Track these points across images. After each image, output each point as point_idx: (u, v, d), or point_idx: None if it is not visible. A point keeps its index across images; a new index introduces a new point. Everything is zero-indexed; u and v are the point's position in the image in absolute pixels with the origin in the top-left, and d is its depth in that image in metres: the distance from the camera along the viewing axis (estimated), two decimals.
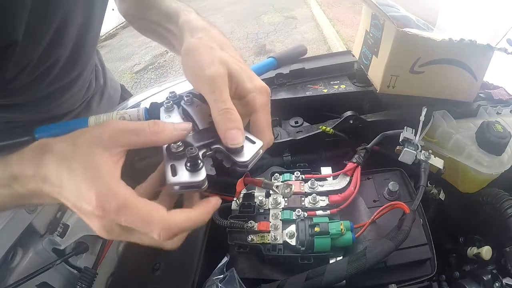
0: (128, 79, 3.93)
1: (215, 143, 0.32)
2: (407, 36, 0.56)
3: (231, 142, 0.30)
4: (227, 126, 0.31)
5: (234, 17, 5.37)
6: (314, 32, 4.24)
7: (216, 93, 0.31)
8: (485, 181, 0.57)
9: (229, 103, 0.31)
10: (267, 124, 0.34)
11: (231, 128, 0.30)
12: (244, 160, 0.31)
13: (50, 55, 0.51)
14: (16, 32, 0.41)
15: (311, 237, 0.45)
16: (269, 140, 0.34)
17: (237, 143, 0.30)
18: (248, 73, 0.35)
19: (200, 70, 0.32)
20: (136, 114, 0.44)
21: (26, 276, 0.44)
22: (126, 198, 0.27)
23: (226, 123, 0.31)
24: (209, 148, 0.32)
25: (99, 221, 0.27)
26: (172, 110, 0.37)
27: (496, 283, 0.44)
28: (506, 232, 0.47)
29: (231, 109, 0.31)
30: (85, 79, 0.67)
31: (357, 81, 0.76)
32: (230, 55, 0.36)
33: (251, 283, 0.46)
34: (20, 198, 0.31)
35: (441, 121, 0.61)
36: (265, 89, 0.35)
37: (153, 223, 0.27)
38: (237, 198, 0.53)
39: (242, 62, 0.36)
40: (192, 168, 0.29)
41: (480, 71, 0.62)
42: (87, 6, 0.53)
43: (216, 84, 0.31)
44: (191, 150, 0.29)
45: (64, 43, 0.52)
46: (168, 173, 0.29)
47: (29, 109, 0.60)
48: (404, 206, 0.45)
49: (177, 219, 0.28)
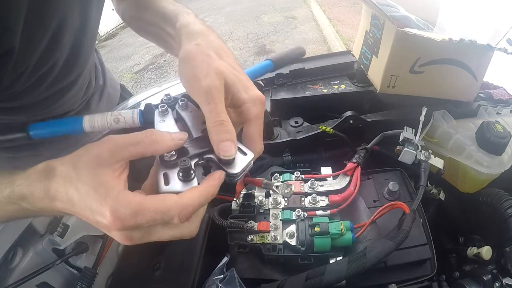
0: (128, 79, 3.93)
1: (208, 153, 0.33)
2: (407, 36, 0.56)
3: (224, 153, 0.31)
4: (221, 138, 0.31)
5: (234, 17, 5.37)
6: (314, 32, 4.24)
7: (211, 104, 0.31)
8: (485, 181, 0.57)
9: (224, 115, 0.31)
10: (259, 134, 0.34)
11: (224, 140, 0.31)
12: (235, 172, 0.32)
13: (47, 60, 0.51)
14: (13, 38, 0.41)
15: (311, 237, 0.45)
16: (259, 150, 0.35)
17: (229, 155, 0.31)
18: (244, 83, 0.35)
19: (196, 81, 0.32)
20: (131, 116, 0.44)
21: (26, 276, 0.44)
22: (137, 202, 0.28)
23: (220, 134, 0.31)
24: (201, 158, 0.33)
25: (118, 232, 0.29)
26: (167, 114, 0.37)
27: (496, 283, 0.43)
28: (506, 232, 0.47)
29: (225, 121, 0.31)
30: (83, 80, 0.67)
31: (357, 81, 0.76)
32: (227, 63, 0.35)
33: (251, 283, 0.46)
34: (30, 214, 0.33)
35: (441, 121, 0.61)
36: (260, 100, 0.35)
37: (170, 209, 0.28)
38: (237, 198, 0.53)
39: (238, 71, 0.36)
40: (184, 178, 0.30)
41: (480, 71, 0.62)
42: (83, 9, 0.52)
43: (212, 96, 0.31)
44: (185, 162, 0.30)
45: (61, 47, 0.52)
46: (161, 181, 0.30)
47: (28, 111, 0.60)
48: (404, 206, 0.45)
49: (189, 197, 0.29)
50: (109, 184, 0.29)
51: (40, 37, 0.47)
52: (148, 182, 0.34)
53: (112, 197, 0.28)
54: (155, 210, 0.28)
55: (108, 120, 0.44)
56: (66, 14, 0.49)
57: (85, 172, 0.29)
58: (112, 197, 0.28)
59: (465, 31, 0.66)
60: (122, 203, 0.28)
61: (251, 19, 5.17)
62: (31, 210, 0.32)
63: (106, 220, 0.28)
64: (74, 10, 0.50)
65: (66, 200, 0.30)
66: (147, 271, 0.52)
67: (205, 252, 0.53)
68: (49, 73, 0.54)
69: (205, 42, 0.37)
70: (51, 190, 0.30)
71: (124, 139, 0.31)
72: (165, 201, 0.29)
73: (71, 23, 0.51)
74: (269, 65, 0.71)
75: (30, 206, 0.32)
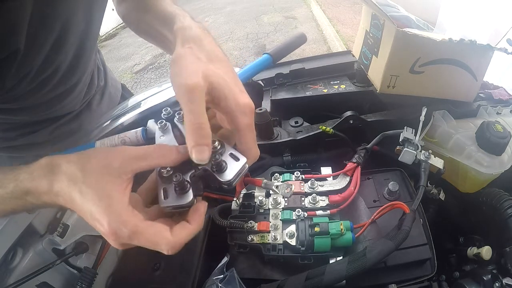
0: (128, 79, 3.93)
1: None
2: (407, 36, 0.56)
3: (196, 157, 0.30)
4: (196, 141, 0.30)
5: (234, 17, 5.37)
6: (314, 32, 4.24)
7: (192, 104, 0.31)
8: (485, 181, 0.57)
9: (203, 117, 0.31)
10: (252, 140, 0.34)
11: (199, 144, 0.30)
12: (228, 179, 0.33)
13: (50, 63, 0.51)
14: (17, 40, 0.41)
15: (311, 237, 0.45)
16: (255, 155, 0.35)
17: (201, 160, 0.30)
18: (232, 89, 0.34)
19: (180, 79, 0.32)
20: (135, 136, 0.51)
21: (26, 276, 0.44)
22: (135, 225, 0.30)
23: (196, 137, 0.30)
24: (197, 168, 0.34)
25: (113, 241, 0.30)
26: (166, 129, 0.39)
27: (496, 283, 0.43)
28: (506, 232, 0.47)
29: (203, 124, 0.30)
30: (85, 81, 0.67)
31: (357, 81, 0.76)
32: (217, 67, 0.35)
33: (251, 283, 0.46)
34: (34, 207, 0.34)
35: (441, 121, 0.61)
36: (249, 108, 0.33)
37: (161, 245, 0.31)
38: (237, 198, 0.53)
39: (229, 75, 0.35)
40: (180, 191, 0.32)
41: (480, 71, 0.62)
42: (87, 12, 0.52)
43: (193, 96, 0.31)
44: (177, 177, 0.32)
45: (65, 49, 0.52)
46: (161, 196, 0.33)
47: (30, 113, 0.60)
48: (404, 206, 0.45)
49: (180, 236, 0.32)
50: (114, 196, 0.30)
51: (44, 40, 0.47)
52: (145, 186, 0.36)
53: (114, 211, 0.29)
54: (148, 239, 0.30)
55: (116, 142, 0.51)
56: (71, 17, 0.49)
57: (92, 176, 0.30)
58: (113, 212, 0.29)
59: (465, 31, 0.66)
60: (121, 221, 0.29)
61: (251, 19, 5.16)
62: (35, 204, 0.33)
63: (103, 229, 0.29)
64: (78, 13, 0.50)
65: (68, 199, 0.30)
66: (147, 271, 0.52)
67: (205, 252, 0.53)
68: (52, 77, 0.54)
69: (197, 46, 0.37)
70: (55, 187, 0.31)
71: (135, 152, 0.32)
72: (158, 235, 0.31)
73: (75, 26, 0.51)
74: (268, 59, 0.68)
75: (34, 200, 0.32)
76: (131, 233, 0.29)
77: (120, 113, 0.70)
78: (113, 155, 0.32)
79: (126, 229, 0.29)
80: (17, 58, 0.43)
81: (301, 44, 0.75)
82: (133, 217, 0.30)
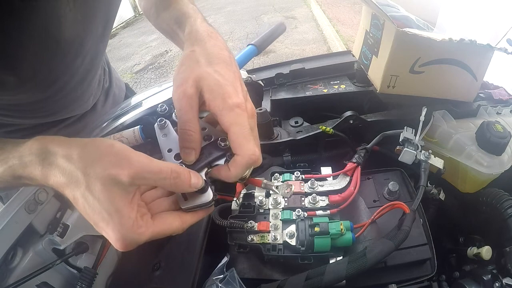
0: (128, 79, 3.93)
1: (216, 160, 0.35)
2: (407, 36, 0.56)
3: (184, 158, 0.34)
4: (184, 145, 0.34)
5: (234, 17, 5.37)
6: (314, 32, 4.24)
7: (179, 111, 0.34)
8: (485, 181, 0.57)
9: (191, 124, 0.33)
10: (242, 137, 0.33)
11: (186, 147, 0.34)
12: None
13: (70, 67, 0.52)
14: (60, 32, 0.43)
15: (311, 237, 0.45)
16: (249, 153, 0.33)
17: (188, 161, 0.34)
18: (225, 90, 0.34)
19: (174, 86, 0.35)
20: (133, 135, 0.48)
21: (26, 276, 0.44)
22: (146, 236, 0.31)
23: (183, 142, 0.34)
24: (209, 166, 0.35)
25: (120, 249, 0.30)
26: (166, 127, 0.38)
27: (496, 283, 0.43)
28: (506, 232, 0.47)
29: (189, 131, 0.33)
30: (94, 85, 0.68)
31: (357, 81, 0.76)
32: (214, 69, 0.35)
33: (251, 283, 0.46)
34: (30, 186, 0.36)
35: (441, 121, 0.61)
36: (238, 106, 0.33)
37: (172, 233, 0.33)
38: (237, 198, 0.53)
39: (227, 77, 0.35)
40: (200, 191, 0.33)
41: (480, 71, 0.62)
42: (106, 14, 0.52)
43: (180, 103, 0.34)
44: None
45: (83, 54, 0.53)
46: (180, 198, 0.34)
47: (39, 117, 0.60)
48: (404, 206, 0.45)
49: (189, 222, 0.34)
50: (123, 211, 0.29)
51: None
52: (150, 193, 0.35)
53: (124, 227, 0.29)
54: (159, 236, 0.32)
55: None
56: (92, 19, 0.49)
57: (97, 185, 0.29)
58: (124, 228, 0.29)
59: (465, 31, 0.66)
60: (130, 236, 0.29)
61: (251, 19, 5.16)
62: (31, 185, 0.34)
63: (108, 237, 0.30)
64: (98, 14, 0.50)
65: (71, 197, 0.29)
66: (147, 271, 0.52)
67: (205, 252, 0.53)
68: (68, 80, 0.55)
69: (200, 49, 0.38)
70: (50, 181, 0.30)
71: (148, 168, 0.30)
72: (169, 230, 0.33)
73: (94, 29, 0.51)
74: (253, 50, 0.72)
75: (29, 182, 0.32)
76: (142, 242, 0.31)
77: (121, 113, 0.70)
78: (122, 168, 0.29)
79: (138, 241, 0.30)
80: (57, 51, 0.44)
81: (282, 33, 0.80)
82: (145, 228, 0.31)
